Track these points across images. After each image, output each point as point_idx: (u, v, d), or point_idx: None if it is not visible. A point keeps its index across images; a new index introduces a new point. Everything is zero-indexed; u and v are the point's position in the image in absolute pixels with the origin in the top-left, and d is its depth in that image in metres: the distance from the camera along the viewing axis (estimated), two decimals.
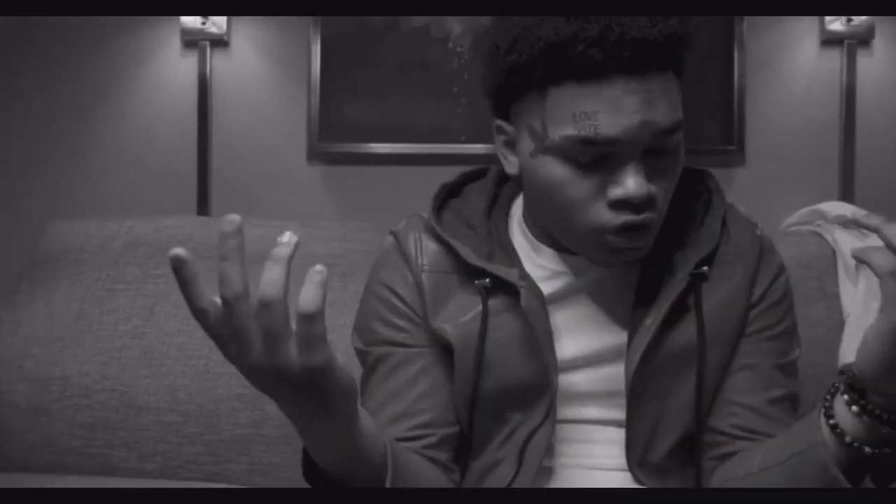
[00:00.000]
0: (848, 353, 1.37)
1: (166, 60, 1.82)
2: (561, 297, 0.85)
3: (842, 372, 0.70)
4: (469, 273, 0.85)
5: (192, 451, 1.33)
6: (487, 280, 0.83)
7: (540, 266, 0.86)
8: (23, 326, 1.41)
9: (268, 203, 1.81)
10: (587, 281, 0.85)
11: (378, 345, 0.88)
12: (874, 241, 1.48)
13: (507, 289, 0.83)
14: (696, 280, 0.83)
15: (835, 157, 1.78)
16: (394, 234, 0.92)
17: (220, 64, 1.81)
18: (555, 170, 0.77)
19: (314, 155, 1.80)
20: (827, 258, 1.46)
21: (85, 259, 1.46)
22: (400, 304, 0.87)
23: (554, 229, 0.83)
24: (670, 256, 0.85)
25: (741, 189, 1.78)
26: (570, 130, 0.74)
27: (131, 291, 1.42)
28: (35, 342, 1.39)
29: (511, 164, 0.84)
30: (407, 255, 0.88)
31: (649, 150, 0.75)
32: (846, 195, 1.75)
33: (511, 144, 0.83)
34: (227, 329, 0.57)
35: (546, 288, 0.84)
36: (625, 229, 0.76)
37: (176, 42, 1.81)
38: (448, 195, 0.92)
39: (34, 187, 1.84)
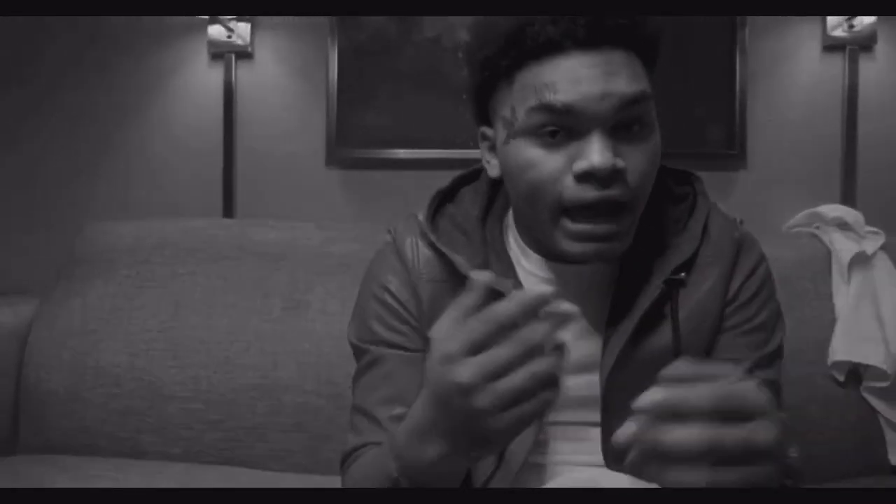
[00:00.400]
0: (838, 351, 1.40)
1: (194, 72, 1.87)
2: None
3: None
4: (463, 281, 0.85)
5: (214, 436, 1.40)
6: None
7: (529, 272, 0.85)
8: (60, 320, 1.49)
9: (288, 206, 1.86)
10: (572, 288, 0.83)
11: (377, 345, 0.88)
12: (869, 243, 1.51)
13: (501, 298, 0.84)
14: (672, 287, 0.82)
15: (836, 161, 1.77)
16: (391, 234, 0.91)
17: (244, 75, 1.87)
18: (524, 152, 0.76)
19: (332, 160, 1.84)
20: (821, 259, 1.49)
21: (117, 258, 1.53)
22: (398, 307, 0.87)
23: (530, 222, 0.82)
24: (650, 262, 0.83)
25: (743, 193, 1.78)
26: (532, 102, 0.74)
27: (159, 289, 1.49)
28: (71, 335, 1.47)
29: (493, 167, 0.84)
30: (404, 259, 0.88)
31: (617, 126, 0.74)
32: (847, 199, 1.75)
33: (493, 148, 0.83)
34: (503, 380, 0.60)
35: None
36: (591, 207, 0.75)
37: (203, 54, 1.86)
38: (443, 200, 0.91)
39: (71, 192, 1.90)
